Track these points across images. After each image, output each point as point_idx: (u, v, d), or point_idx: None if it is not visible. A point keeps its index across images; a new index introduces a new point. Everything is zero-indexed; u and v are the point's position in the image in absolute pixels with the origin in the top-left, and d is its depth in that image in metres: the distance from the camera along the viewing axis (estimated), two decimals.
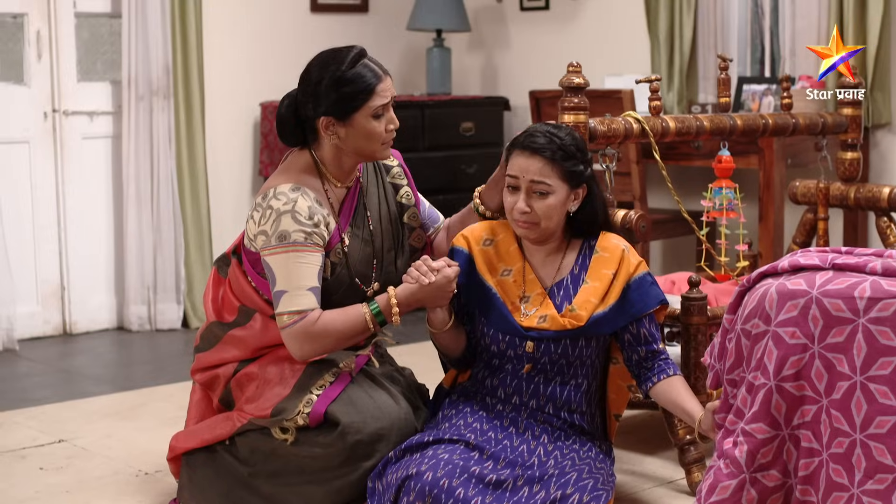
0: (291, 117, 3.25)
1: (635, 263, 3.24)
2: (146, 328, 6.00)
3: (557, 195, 3.15)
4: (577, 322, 3.16)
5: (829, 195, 4.24)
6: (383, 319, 3.20)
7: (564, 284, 3.24)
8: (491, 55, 7.12)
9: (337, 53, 3.23)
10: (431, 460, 3.00)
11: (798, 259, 2.76)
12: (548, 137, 3.15)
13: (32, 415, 4.48)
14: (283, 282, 3.13)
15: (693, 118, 3.74)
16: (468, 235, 3.31)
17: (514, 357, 3.21)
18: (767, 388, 2.66)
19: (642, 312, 3.21)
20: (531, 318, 3.19)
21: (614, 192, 3.60)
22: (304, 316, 3.12)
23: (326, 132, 3.21)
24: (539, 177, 3.13)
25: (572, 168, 3.15)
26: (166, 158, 5.92)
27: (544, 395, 3.21)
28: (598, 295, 3.19)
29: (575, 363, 3.21)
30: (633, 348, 3.24)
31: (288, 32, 6.50)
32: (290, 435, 3.16)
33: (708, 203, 3.79)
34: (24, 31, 5.72)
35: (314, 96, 3.19)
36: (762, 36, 5.98)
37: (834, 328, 2.62)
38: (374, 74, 3.20)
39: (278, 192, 3.17)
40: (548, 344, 3.18)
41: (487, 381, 3.28)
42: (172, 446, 3.39)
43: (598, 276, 3.22)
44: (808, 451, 2.67)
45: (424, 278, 3.16)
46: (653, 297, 3.22)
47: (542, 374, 3.21)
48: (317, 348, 3.17)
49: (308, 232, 3.14)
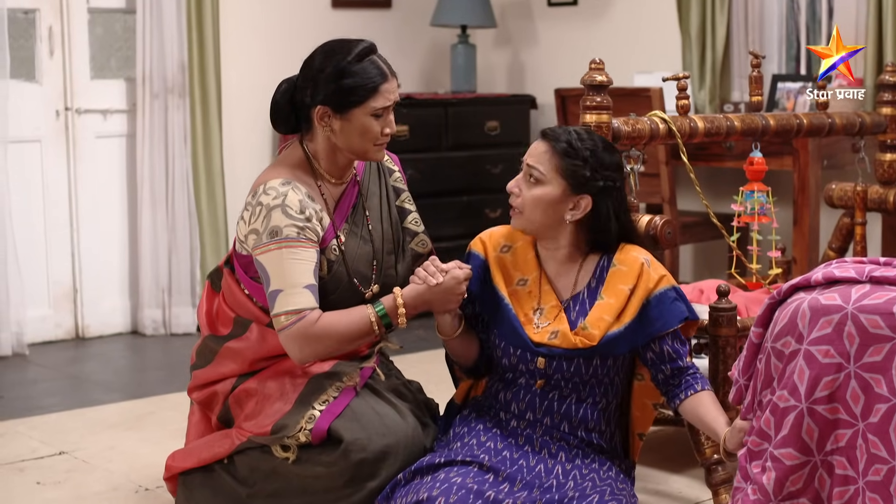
0: (287, 103, 3.15)
1: (656, 278, 3.06)
2: (161, 332, 5.96)
3: (549, 188, 3.01)
4: (589, 342, 3.01)
5: (866, 198, 4.13)
6: (389, 322, 3.06)
7: (581, 298, 3.09)
8: (517, 52, 7.07)
9: (345, 44, 3.12)
10: (444, 484, 2.86)
11: (832, 271, 2.64)
12: (569, 134, 3.04)
13: (35, 424, 4.41)
14: (277, 280, 2.99)
15: (723, 118, 3.64)
16: (486, 240, 3.18)
17: (526, 371, 3.08)
18: (798, 411, 2.55)
19: (661, 331, 3.04)
20: (542, 333, 3.05)
21: (639, 195, 3.46)
22: (303, 316, 2.98)
23: (320, 123, 3.10)
24: (535, 161, 3.03)
25: (572, 166, 3.01)
26: (182, 158, 5.88)
27: (559, 412, 3.07)
28: (612, 312, 3.04)
29: (590, 381, 3.06)
30: (657, 367, 3.09)
31: (308, 28, 6.43)
32: (291, 453, 3.04)
33: (739, 207, 3.70)
34: (35, 27, 5.67)
35: (314, 83, 3.09)
36: (798, 32, 5.91)
37: (871, 346, 2.48)
38: (381, 73, 3.08)
39: (268, 188, 3.07)
40: (560, 361, 3.04)
41: (501, 395, 3.14)
42: (169, 465, 3.28)
43: (614, 291, 3.06)
44: (843, 478, 2.55)
45: (432, 279, 3.03)
46: (675, 314, 3.05)
47: (556, 391, 3.08)
48: (318, 350, 3.02)
49: (300, 226, 3.02)
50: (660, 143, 3.58)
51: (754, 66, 3.77)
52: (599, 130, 3.27)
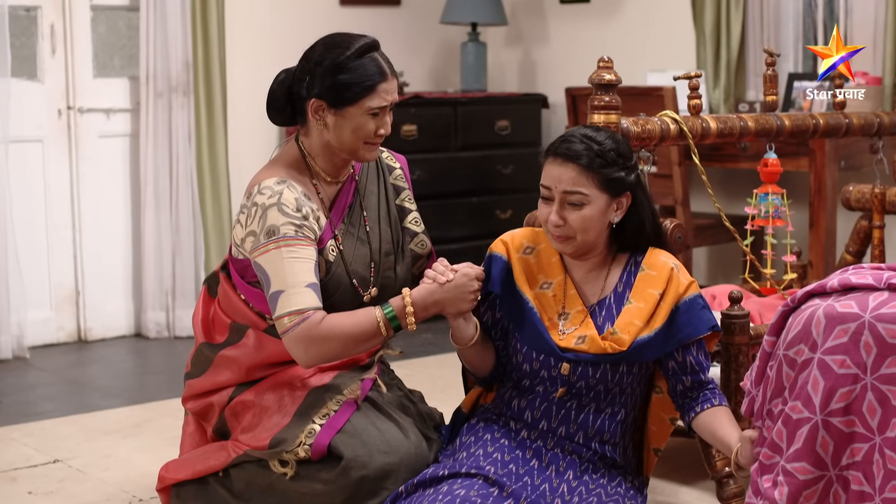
0: (284, 93, 3.07)
1: (686, 284, 2.98)
2: (164, 335, 5.90)
3: (595, 205, 2.90)
4: (619, 346, 2.92)
5: (885, 201, 4.06)
6: (398, 324, 2.95)
7: (607, 303, 3.00)
8: (529, 50, 7.01)
9: (346, 37, 3.05)
10: (447, 497, 2.77)
11: (849, 277, 2.57)
12: (585, 143, 2.91)
13: (31, 431, 4.33)
14: (278, 281, 2.90)
15: (737, 118, 3.57)
16: (508, 241, 3.08)
17: (548, 378, 2.98)
18: (813, 424, 2.47)
19: (691, 338, 2.96)
20: (569, 338, 2.95)
21: (651, 196, 3.36)
22: (307, 316, 2.88)
23: (315, 116, 3.02)
24: (572, 186, 2.89)
25: (612, 175, 2.90)
26: (186, 158, 5.83)
27: (575, 422, 2.98)
28: (642, 317, 2.94)
29: (613, 390, 2.97)
30: (677, 377, 3.00)
31: (316, 26, 6.32)
32: (289, 469, 2.95)
33: (753, 210, 3.63)
34: (37, 24, 5.63)
35: (311, 75, 3.01)
36: (815, 30, 5.83)
37: (889, 357, 2.42)
38: (380, 72, 3.00)
39: (262, 188, 2.99)
40: (585, 367, 2.93)
41: (514, 403, 3.04)
42: (162, 476, 3.19)
43: (644, 296, 2.96)
44: (859, 494, 2.48)
45: (442, 277, 2.93)
46: (704, 321, 2.97)
47: (575, 400, 2.98)
48: (324, 352, 2.91)
49: (297, 224, 2.93)
50: (671, 144, 3.50)
51: (769, 65, 3.70)
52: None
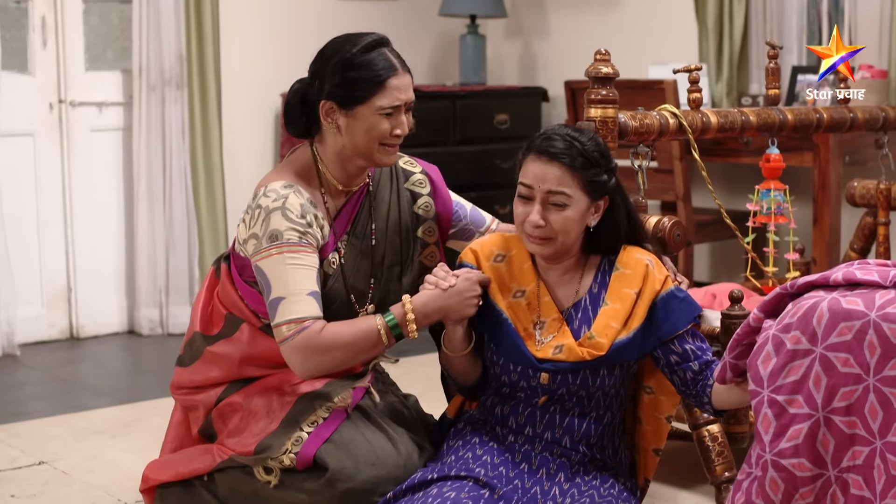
0: (298, 102, 3.00)
1: (661, 279, 2.90)
2: (157, 332, 5.86)
3: (576, 207, 2.82)
4: (598, 351, 2.84)
5: (890, 197, 4.00)
6: (400, 333, 2.87)
7: (583, 305, 2.91)
8: (529, 43, 6.97)
9: (355, 35, 2.98)
10: (437, 499, 2.70)
11: (854, 272, 2.49)
12: (568, 142, 2.82)
13: (17, 431, 4.26)
14: (279, 287, 2.82)
15: (738, 112, 3.51)
16: (477, 249, 2.99)
17: (528, 388, 2.91)
18: (814, 420, 2.41)
19: (670, 334, 2.87)
20: (546, 348, 2.87)
21: (652, 192, 3.28)
22: (306, 326, 2.80)
23: (326, 119, 2.94)
24: (557, 186, 2.80)
25: (595, 178, 2.83)
26: (179, 152, 5.78)
27: (560, 426, 2.90)
28: (619, 318, 2.86)
29: (596, 394, 2.89)
30: (683, 367, 2.90)
31: (312, 18, 6.35)
32: (273, 477, 2.88)
33: (755, 207, 3.58)
34: (28, 16, 5.59)
35: (320, 76, 2.94)
36: (819, 22, 5.79)
37: (893, 359, 2.35)
38: (389, 66, 2.91)
39: (268, 190, 2.91)
40: (564, 376, 2.86)
41: (497, 410, 2.97)
42: (146, 476, 3.12)
43: (620, 296, 2.88)
44: (859, 499, 2.41)
45: (444, 282, 2.86)
46: (683, 314, 2.88)
47: (558, 405, 2.90)
48: (322, 363, 2.83)
49: (301, 231, 2.86)
50: (670, 139, 3.43)
51: (771, 58, 3.65)
52: (605, 126, 3.13)
